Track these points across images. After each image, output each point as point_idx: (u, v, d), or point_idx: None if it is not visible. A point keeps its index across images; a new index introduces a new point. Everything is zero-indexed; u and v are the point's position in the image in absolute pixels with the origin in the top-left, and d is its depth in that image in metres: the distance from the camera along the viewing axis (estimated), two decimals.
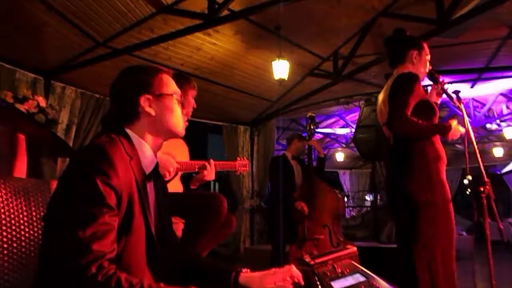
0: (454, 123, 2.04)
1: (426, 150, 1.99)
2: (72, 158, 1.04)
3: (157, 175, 1.20)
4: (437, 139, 2.06)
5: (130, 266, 1.00)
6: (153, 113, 1.14)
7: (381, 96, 2.21)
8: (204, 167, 2.20)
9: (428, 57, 2.18)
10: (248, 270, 1.14)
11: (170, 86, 1.20)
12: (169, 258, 1.19)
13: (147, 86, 1.15)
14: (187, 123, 2.21)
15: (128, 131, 1.12)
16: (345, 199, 10.43)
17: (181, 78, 2.26)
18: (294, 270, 1.13)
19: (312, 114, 4.06)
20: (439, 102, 2.27)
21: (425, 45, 2.18)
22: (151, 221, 1.08)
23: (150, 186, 1.16)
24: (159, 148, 1.20)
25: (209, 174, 2.21)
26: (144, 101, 1.13)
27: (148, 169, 1.14)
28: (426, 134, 2.01)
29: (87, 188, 0.94)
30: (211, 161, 2.23)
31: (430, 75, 2.20)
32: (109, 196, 0.95)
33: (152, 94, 1.15)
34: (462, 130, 2.05)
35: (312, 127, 3.98)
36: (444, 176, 2.02)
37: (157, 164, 1.18)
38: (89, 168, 0.96)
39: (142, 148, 1.12)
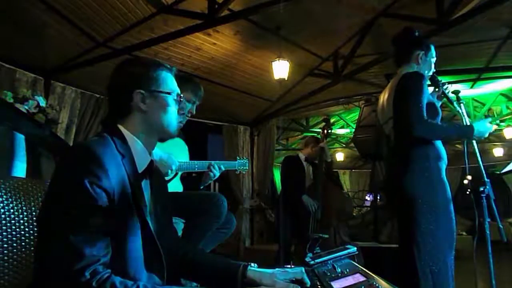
0: (478, 123, 1.97)
1: (427, 150, 1.98)
2: (60, 160, 1.02)
3: (152, 173, 1.16)
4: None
5: (126, 265, 0.99)
6: (145, 109, 1.10)
7: (383, 95, 2.20)
8: (210, 170, 2.21)
9: (434, 60, 2.15)
10: (256, 264, 1.11)
11: (168, 84, 1.15)
12: (171, 255, 1.17)
13: (143, 81, 1.11)
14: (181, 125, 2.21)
15: (121, 128, 1.09)
16: None
17: (180, 78, 2.24)
18: (305, 275, 1.08)
19: (327, 117, 3.96)
20: (439, 105, 2.26)
21: (432, 47, 2.15)
22: (148, 220, 1.06)
23: (145, 184, 1.13)
24: (153, 146, 1.16)
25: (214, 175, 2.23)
26: (137, 96, 1.09)
27: (142, 167, 1.11)
28: (447, 137, 1.99)
29: (77, 192, 0.92)
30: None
31: (432, 79, 2.18)
32: (100, 198, 0.93)
33: (147, 89, 1.11)
34: (490, 127, 1.98)
35: (325, 131, 3.88)
36: (444, 175, 2.02)
37: (151, 162, 1.14)
38: (77, 170, 0.94)
39: (134, 146, 1.09)
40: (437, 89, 2.22)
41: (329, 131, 3.93)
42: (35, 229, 1.26)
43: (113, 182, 0.97)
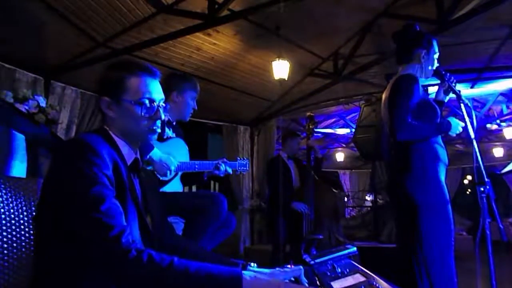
0: (453, 119, 2.04)
1: (423, 150, 1.98)
2: (56, 155, 1.04)
3: (139, 171, 1.19)
4: (436, 139, 2.06)
5: None
6: (112, 115, 1.13)
7: (384, 95, 2.20)
8: (218, 168, 2.27)
9: (437, 55, 2.13)
10: (255, 264, 1.11)
11: (139, 91, 1.13)
12: (170, 250, 1.17)
13: (110, 87, 1.13)
14: (171, 124, 2.26)
15: (106, 128, 1.14)
16: (345, 199, 10.42)
17: (180, 78, 2.28)
18: (303, 274, 1.08)
19: (311, 114, 4.05)
20: (446, 100, 2.23)
21: (435, 42, 2.13)
22: (141, 209, 1.08)
23: (134, 180, 1.16)
24: (135, 147, 1.18)
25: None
26: (103, 102, 1.13)
27: (128, 161, 1.14)
28: (428, 135, 2.00)
29: (83, 177, 0.94)
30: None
31: (437, 73, 2.15)
32: (106, 180, 0.96)
33: (113, 97, 1.12)
34: (462, 124, 2.05)
35: (311, 126, 3.96)
36: (442, 177, 2.01)
37: (136, 159, 1.17)
38: (77, 160, 0.97)
39: (119, 143, 1.13)
40: (443, 83, 2.18)
41: (313, 127, 3.99)
42: None
43: (110, 169, 1.00)
